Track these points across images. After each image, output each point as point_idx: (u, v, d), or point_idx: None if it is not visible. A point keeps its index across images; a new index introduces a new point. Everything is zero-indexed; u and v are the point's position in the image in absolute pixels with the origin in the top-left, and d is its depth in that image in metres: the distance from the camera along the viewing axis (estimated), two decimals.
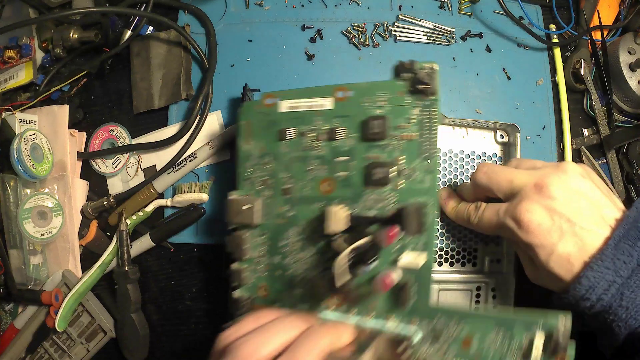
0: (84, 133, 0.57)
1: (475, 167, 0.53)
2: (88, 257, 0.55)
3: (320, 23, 0.57)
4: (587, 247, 0.36)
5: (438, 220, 0.52)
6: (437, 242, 0.52)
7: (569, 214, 0.37)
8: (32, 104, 0.56)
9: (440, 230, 0.52)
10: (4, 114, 0.54)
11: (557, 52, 0.59)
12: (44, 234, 0.52)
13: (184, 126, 0.54)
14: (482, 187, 0.43)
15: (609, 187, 0.54)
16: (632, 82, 0.57)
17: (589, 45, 0.59)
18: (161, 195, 0.55)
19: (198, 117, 0.54)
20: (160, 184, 0.54)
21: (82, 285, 0.52)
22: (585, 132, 0.59)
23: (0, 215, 0.53)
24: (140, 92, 0.57)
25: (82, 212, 0.55)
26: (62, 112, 0.55)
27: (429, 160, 0.39)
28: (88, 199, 0.56)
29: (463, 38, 0.58)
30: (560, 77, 0.58)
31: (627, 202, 0.58)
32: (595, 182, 0.40)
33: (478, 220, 0.43)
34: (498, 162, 0.53)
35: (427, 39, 0.58)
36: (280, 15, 0.58)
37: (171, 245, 0.55)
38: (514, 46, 0.59)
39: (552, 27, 0.60)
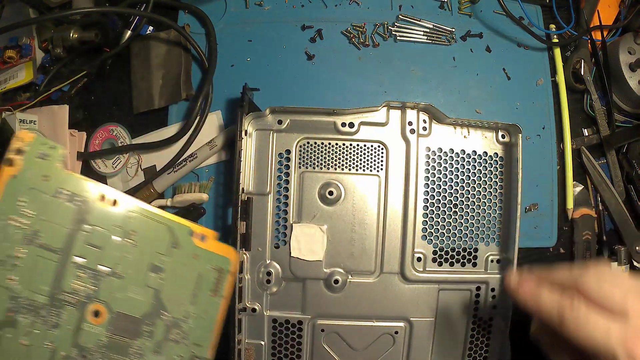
0: (84, 133, 0.57)
1: (476, 167, 0.53)
2: None
3: (320, 23, 0.57)
4: None
5: (438, 220, 0.52)
6: (437, 242, 0.52)
7: None
8: (32, 104, 0.56)
9: (440, 231, 0.52)
10: (4, 114, 0.54)
11: (557, 52, 0.59)
12: None
13: (184, 126, 0.54)
14: (588, 291, 0.35)
15: None
16: (632, 82, 0.57)
17: (589, 45, 0.59)
18: (161, 195, 0.55)
19: (198, 117, 0.54)
20: (160, 184, 0.54)
21: None
22: (585, 132, 0.59)
23: None
24: (140, 92, 0.57)
25: None
26: (62, 112, 0.55)
27: None
28: None
29: (463, 38, 0.58)
30: (560, 77, 0.58)
31: (627, 202, 0.58)
32: None
33: (573, 324, 0.34)
34: (499, 162, 0.53)
35: (427, 39, 0.58)
36: (280, 15, 0.58)
37: None
38: (514, 46, 0.59)
39: (552, 27, 0.60)
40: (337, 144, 0.53)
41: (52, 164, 0.34)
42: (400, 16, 0.58)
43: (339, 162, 0.53)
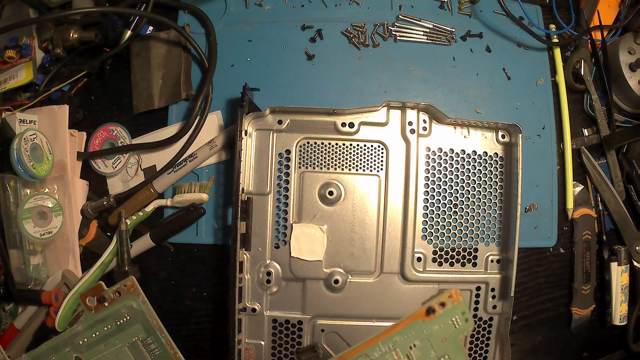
0: (84, 133, 0.57)
1: (476, 167, 0.53)
2: (88, 257, 0.55)
3: (320, 23, 0.57)
4: None
5: (438, 220, 0.52)
6: (437, 242, 0.52)
7: None
8: (32, 104, 0.56)
9: (440, 231, 0.52)
10: (4, 114, 0.54)
11: (557, 52, 0.59)
12: (44, 234, 0.52)
13: (184, 126, 0.54)
14: None
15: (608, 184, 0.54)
16: (632, 82, 0.57)
17: (589, 45, 0.59)
18: (161, 195, 0.55)
19: (198, 117, 0.54)
20: (160, 184, 0.54)
21: (82, 285, 0.52)
22: (585, 132, 0.59)
23: (0, 215, 0.53)
24: (140, 92, 0.57)
25: (82, 212, 0.55)
26: (62, 112, 0.55)
27: None
28: (88, 199, 0.56)
29: (463, 38, 0.58)
30: (560, 77, 0.58)
31: (627, 202, 0.58)
32: None
33: None
34: (499, 162, 0.53)
35: (427, 39, 0.58)
36: (280, 15, 0.58)
37: (171, 245, 0.55)
38: (514, 46, 0.59)
39: (552, 27, 0.59)
40: (337, 144, 0.53)
41: (458, 333, 0.35)
42: (400, 16, 0.58)
43: (339, 162, 0.53)
